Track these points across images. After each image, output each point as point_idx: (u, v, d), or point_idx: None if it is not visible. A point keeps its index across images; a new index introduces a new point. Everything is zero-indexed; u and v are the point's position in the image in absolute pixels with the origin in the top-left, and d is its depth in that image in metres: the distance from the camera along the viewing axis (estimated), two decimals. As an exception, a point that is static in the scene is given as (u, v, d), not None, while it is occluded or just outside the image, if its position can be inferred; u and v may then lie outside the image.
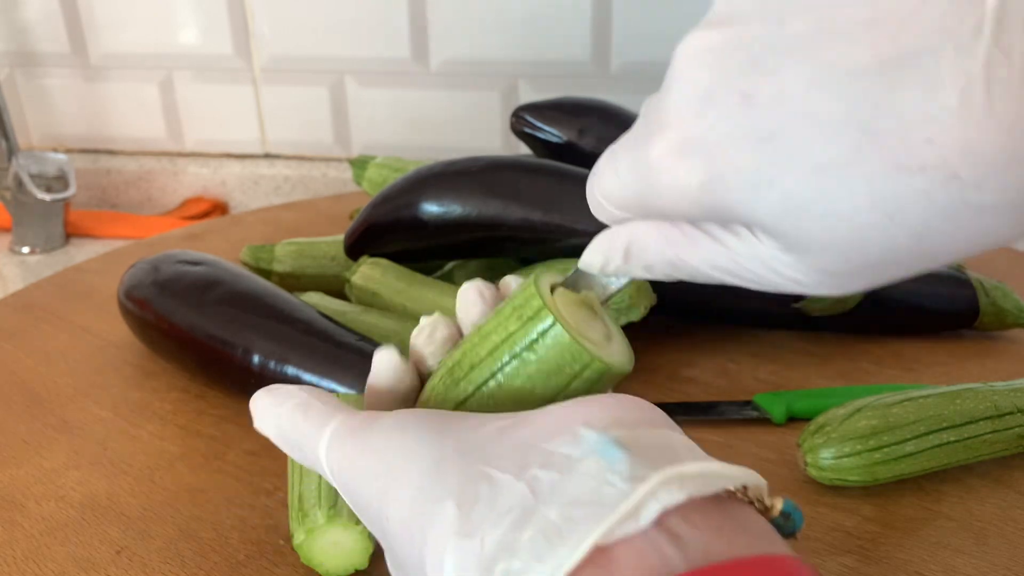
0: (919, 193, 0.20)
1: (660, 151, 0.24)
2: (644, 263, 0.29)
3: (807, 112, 0.21)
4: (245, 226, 0.79)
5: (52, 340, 0.59)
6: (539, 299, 0.29)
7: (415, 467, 0.25)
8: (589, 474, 0.22)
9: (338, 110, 0.94)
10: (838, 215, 0.22)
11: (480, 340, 0.31)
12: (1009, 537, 0.39)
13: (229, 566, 0.38)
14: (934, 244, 0.21)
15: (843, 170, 0.21)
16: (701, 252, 0.26)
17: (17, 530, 0.41)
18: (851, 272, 0.23)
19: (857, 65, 0.20)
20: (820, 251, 0.23)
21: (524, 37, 0.87)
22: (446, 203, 0.53)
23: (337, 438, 0.28)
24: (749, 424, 0.47)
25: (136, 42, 0.95)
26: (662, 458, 0.23)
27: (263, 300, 0.50)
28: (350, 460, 0.27)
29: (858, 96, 0.20)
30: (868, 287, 0.24)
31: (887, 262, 0.23)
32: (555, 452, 0.23)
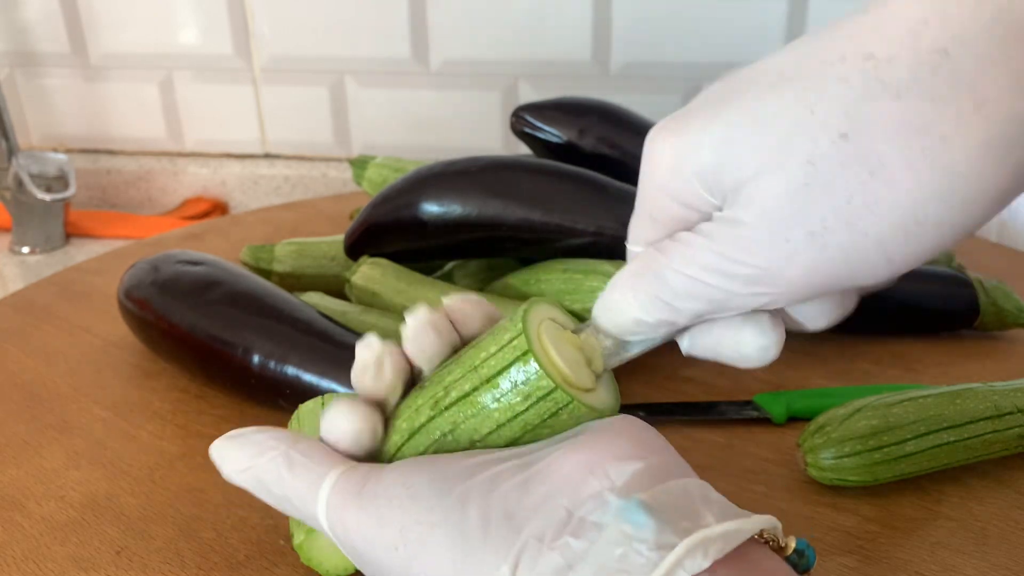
0: (836, 80, 0.21)
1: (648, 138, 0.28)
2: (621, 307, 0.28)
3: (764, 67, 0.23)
4: (245, 226, 0.79)
5: (52, 340, 0.59)
6: (528, 348, 0.28)
7: (439, 543, 0.25)
8: (616, 541, 0.23)
9: (338, 110, 0.94)
10: (764, 124, 0.22)
11: (461, 381, 0.29)
12: (1009, 537, 0.39)
13: (229, 566, 0.38)
14: (859, 147, 0.21)
15: (776, 85, 0.22)
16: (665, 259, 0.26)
17: (17, 530, 0.41)
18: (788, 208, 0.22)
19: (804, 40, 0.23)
20: (755, 182, 0.23)
21: (524, 37, 0.87)
22: (446, 203, 0.53)
23: (338, 500, 0.27)
24: (749, 424, 0.47)
25: (136, 42, 0.95)
26: (684, 517, 0.23)
27: (263, 300, 0.50)
28: (360, 526, 0.27)
29: (807, 42, 0.23)
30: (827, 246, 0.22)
31: (817, 186, 0.22)
32: (585, 519, 0.24)
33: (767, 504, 0.41)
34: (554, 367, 0.28)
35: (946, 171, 0.20)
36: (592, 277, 0.51)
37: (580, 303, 0.51)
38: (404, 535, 0.26)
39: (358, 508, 0.27)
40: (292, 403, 0.42)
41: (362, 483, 0.28)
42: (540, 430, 0.28)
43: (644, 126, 0.62)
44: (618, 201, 0.53)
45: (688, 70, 0.86)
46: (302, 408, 0.40)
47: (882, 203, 0.21)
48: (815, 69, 0.21)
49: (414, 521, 0.26)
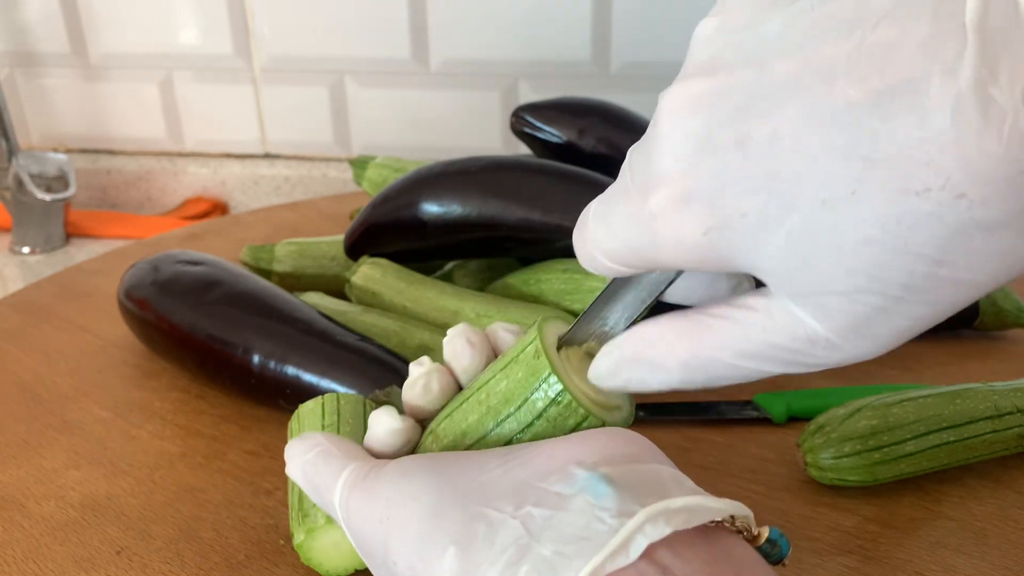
0: (928, 216, 0.20)
1: (659, 202, 0.23)
2: (657, 367, 0.27)
3: (803, 149, 0.21)
4: (245, 226, 0.79)
5: (52, 340, 0.59)
6: (547, 363, 0.29)
7: (416, 512, 0.26)
8: (579, 511, 0.23)
9: (338, 110, 0.94)
10: (851, 249, 0.21)
11: (480, 397, 0.30)
12: (1009, 537, 0.39)
13: (229, 566, 0.38)
14: (955, 272, 0.21)
15: (848, 201, 0.21)
16: (717, 338, 0.25)
17: (17, 530, 0.41)
18: (877, 317, 0.22)
19: (848, 100, 0.20)
20: (842, 298, 0.22)
21: (524, 37, 0.87)
22: (446, 203, 0.53)
23: (347, 486, 0.29)
24: (749, 424, 0.47)
25: (136, 42, 0.95)
26: (649, 493, 0.23)
27: (263, 300, 0.50)
28: (357, 506, 0.28)
29: (854, 129, 0.20)
30: (900, 335, 0.23)
31: (913, 300, 0.22)
32: (548, 490, 0.24)
33: (767, 504, 0.41)
34: (584, 395, 0.29)
35: (1016, 273, 0.21)
36: (592, 277, 0.51)
37: (580, 303, 0.51)
38: (388, 508, 0.27)
39: (361, 489, 0.29)
40: (292, 403, 0.42)
41: (369, 471, 0.29)
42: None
43: (644, 126, 0.61)
44: (618, 201, 0.53)
45: (688, 70, 0.86)
46: (302, 408, 0.40)
47: (960, 303, 0.22)
48: (895, 196, 0.20)
49: (398, 493, 0.27)
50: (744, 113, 0.22)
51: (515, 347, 0.31)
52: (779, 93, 0.21)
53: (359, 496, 0.29)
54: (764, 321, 0.24)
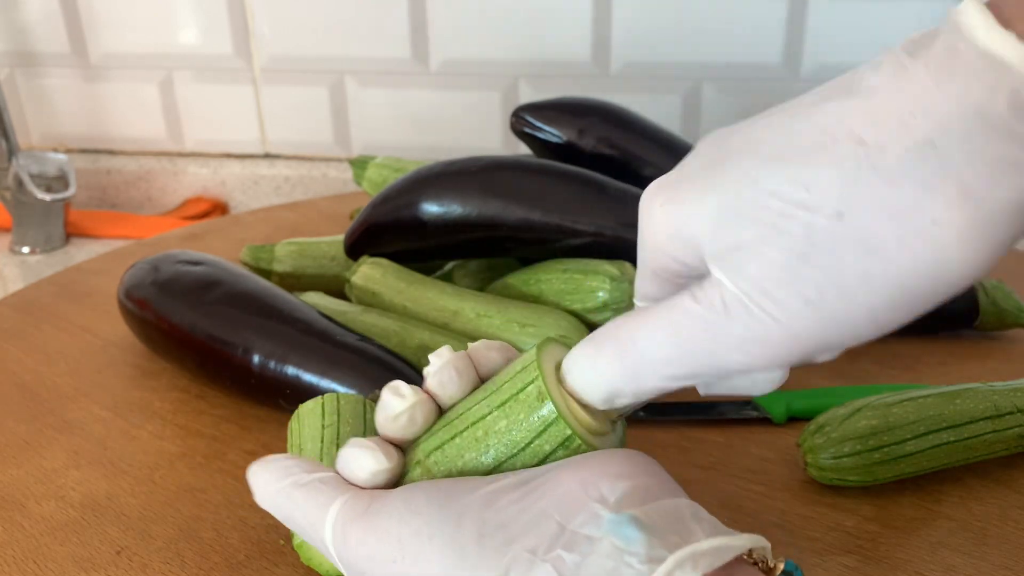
0: (829, 164, 0.23)
1: (643, 193, 0.28)
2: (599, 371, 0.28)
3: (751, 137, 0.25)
4: (245, 226, 0.79)
5: (52, 340, 0.59)
6: (554, 409, 0.28)
7: (437, 552, 0.26)
8: (608, 555, 0.24)
9: (338, 110, 0.94)
10: (761, 201, 0.23)
11: (477, 434, 0.29)
12: (1008, 537, 0.39)
13: (229, 566, 0.38)
14: (856, 229, 0.22)
15: (770, 162, 0.24)
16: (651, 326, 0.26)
17: (17, 530, 0.41)
18: (784, 276, 0.23)
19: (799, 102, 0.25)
20: (750, 251, 0.24)
21: (524, 37, 0.87)
22: (446, 203, 0.53)
23: (343, 521, 0.28)
24: (749, 424, 0.47)
25: (136, 42, 0.95)
26: (676, 533, 0.24)
27: (263, 300, 0.50)
28: (359, 543, 0.27)
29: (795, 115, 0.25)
30: (809, 304, 0.23)
31: (817, 259, 0.23)
32: (577, 533, 0.24)
33: (767, 504, 0.41)
34: (572, 415, 0.29)
35: (936, 250, 0.22)
36: (592, 277, 0.51)
37: (580, 303, 0.51)
38: (402, 548, 0.26)
39: (361, 525, 0.28)
40: (292, 403, 0.42)
41: (367, 503, 0.28)
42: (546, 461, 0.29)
43: (644, 126, 0.62)
44: (618, 201, 0.53)
45: (688, 70, 0.86)
46: (302, 408, 0.40)
47: (876, 277, 0.22)
48: (807, 149, 0.23)
49: (412, 533, 0.26)
50: (725, 138, 0.26)
51: (512, 379, 0.29)
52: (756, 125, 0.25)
53: (361, 533, 0.27)
54: (691, 295, 0.25)
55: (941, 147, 0.21)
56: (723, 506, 0.41)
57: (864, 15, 0.82)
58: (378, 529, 0.27)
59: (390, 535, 0.27)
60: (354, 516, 0.28)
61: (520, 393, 0.29)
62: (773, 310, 0.23)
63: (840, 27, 0.82)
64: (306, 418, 0.39)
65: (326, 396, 0.40)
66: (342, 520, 0.28)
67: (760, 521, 0.40)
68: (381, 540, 0.27)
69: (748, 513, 0.41)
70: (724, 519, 0.40)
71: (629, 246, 0.52)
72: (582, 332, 0.49)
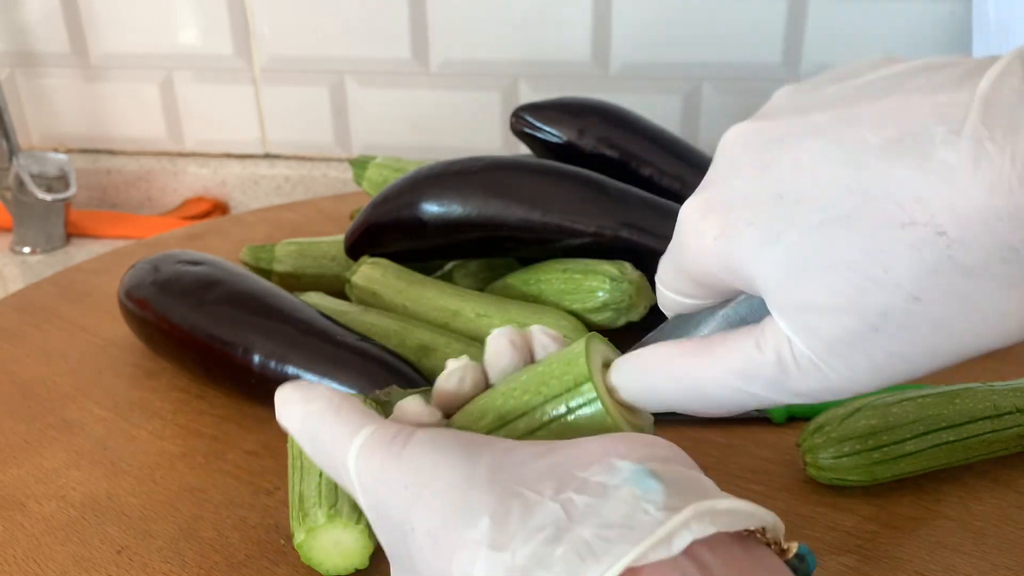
0: (908, 247, 0.22)
1: (687, 208, 0.27)
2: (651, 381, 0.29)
3: (816, 178, 0.24)
4: (245, 226, 0.79)
5: (53, 340, 0.59)
6: (586, 371, 0.29)
7: (447, 481, 0.26)
8: (624, 500, 0.23)
9: (338, 110, 0.94)
10: (837, 269, 0.23)
11: (511, 393, 0.31)
12: (1008, 536, 0.39)
13: (229, 566, 0.38)
14: (930, 310, 0.23)
15: (842, 226, 0.23)
16: (710, 357, 0.27)
17: (18, 530, 0.41)
18: (855, 343, 0.24)
19: (864, 143, 0.23)
20: (824, 316, 0.24)
21: (524, 37, 0.87)
22: (446, 203, 0.53)
23: (369, 446, 0.29)
24: (749, 424, 0.47)
25: (136, 42, 0.95)
26: (694, 493, 0.24)
27: (263, 300, 0.50)
28: (380, 468, 0.28)
29: (862, 167, 0.23)
30: (876, 370, 0.24)
31: (889, 333, 0.23)
32: (590, 479, 0.24)
33: (767, 504, 0.41)
34: (619, 414, 0.30)
35: (1001, 335, 0.23)
36: (592, 277, 0.51)
37: (580, 303, 0.51)
38: (417, 474, 0.27)
39: (386, 451, 0.28)
40: (292, 403, 0.42)
41: (395, 436, 0.29)
42: None
43: (644, 126, 0.62)
44: (618, 201, 0.53)
45: (688, 70, 0.86)
46: (302, 408, 0.40)
47: (942, 352, 0.24)
48: (883, 223, 0.23)
49: (430, 464, 0.27)
50: (776, 145, 0.25)
51: (558, 355, 0.31)
52: (809, 133, 0.24)
53: (382, 459, 0.28)
54: (754, 342, 0.26)
55: (1022, 253, 0.22)
56: (723, 506, 0.41)
57: (864, 15, 0.82)
58: (400, 457, 0.28)
59: (410, 463, 0.27)
60: (381, 443, 0.29)
61: (563, 355, 0.30)
62: (843, 370, 0.24)
63: (840, 27, 0.83)
64: (306, 418, 0.39)
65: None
66: (369, 444, 0.29)
67: (760, 521, 0.40)
68: (400, 467, 0.27)
69: (748, 513, 0.41)
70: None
71: (629, 246, 0.52)
72: (582, 332, 0.50)
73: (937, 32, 0.82)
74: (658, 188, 0.59)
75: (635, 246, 0.52)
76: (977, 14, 0.73)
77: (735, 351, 0.27)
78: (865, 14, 0.82)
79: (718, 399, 0.28)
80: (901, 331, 0.23)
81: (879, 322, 0.23)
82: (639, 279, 0.51)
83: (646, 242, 0.52)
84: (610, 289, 0.50)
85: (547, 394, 0.30)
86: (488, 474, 0.26)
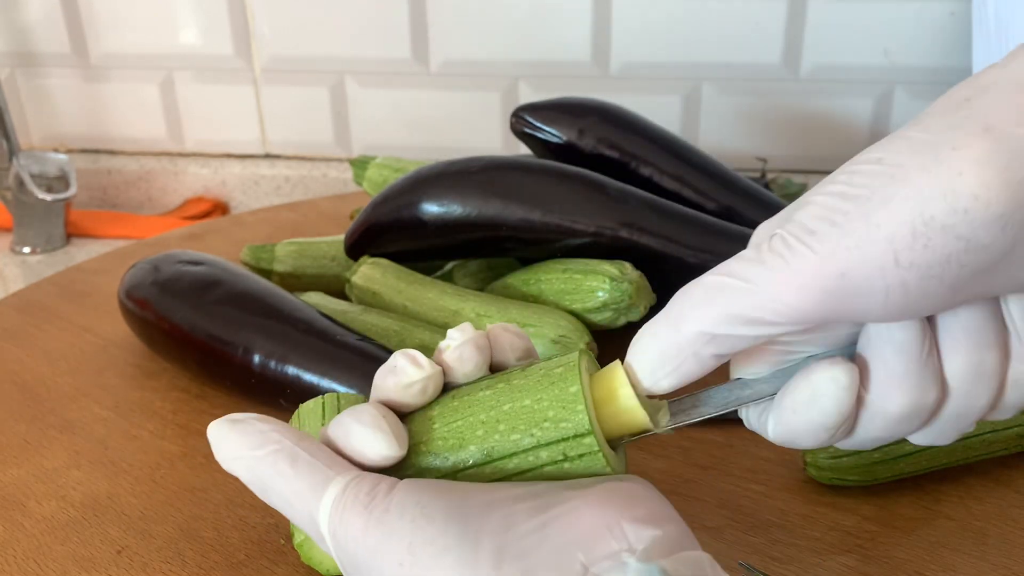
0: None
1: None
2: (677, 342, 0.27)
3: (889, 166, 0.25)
4: (245, 226, 0.79)
5: (52, 340, 0.59)
6: (587, 422, 0.28)
7: (450, 566, 0.25)
8: None
9: (338, 110, 0.94)
10: None
11: (495, 426, 0.29)
12: (1008, 536, 0.39)
13: (229, 566, 0.38)
14: None
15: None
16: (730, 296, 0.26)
17: (18, 530, 0.41)
18: None
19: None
20: None
21: (524, 37, 0.87)
22: (446, 203, 0.53)
23: (343, 509, 0.27)
24: (749, 424, 0.47)
25: (136, 42, 0.95)
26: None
27: (263, 300, 0.50)
28: (362, 534, 0.27)
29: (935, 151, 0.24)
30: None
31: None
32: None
33: (767, 504, 0.41)
34: (613, 458, 0.29)
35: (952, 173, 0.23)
36: (592, 277, 0.51)
37: (580, 303, 0.51)
38: (413, 553, 0.26)
39: (366, 517, 0.27)
40: (293, 403, 0.42)
41: (374, 493, 0.27)
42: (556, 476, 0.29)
43: (644, 126, 0.62)
44: (618, 201, 0.53)
45: (688, 70, 0.86)
46: (302, 408, 0.40)
47: (895, 199, 0.23)
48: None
49: (425, 541, 0.26)
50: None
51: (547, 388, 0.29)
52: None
53: (364, 524, 0.27)
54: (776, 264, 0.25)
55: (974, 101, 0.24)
56: (723, 506, 0.41)
57: (864, 15, 0.82)
58: (385, 526, 0.26)
59: (400, 537, 0.26)
60: (357, 504, 0.27)
61: (566, 436, 0.28)
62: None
63: (840, 27, 0.83)
64: (306, 418, 0.39)
65: (326, 396, 0.40)
66: (343, 507, 0.27)
67: (760, 521, 0.40)
68: (389, 539, 0.26)
69: (748, 513, 0.41)
70: (724, 519, 0.40)
71: (629, 246, 0.52)
72: (582, 332, 0.50)
73: (937, 32, 0.82)
74: (658, 188, 0.59)
75: (635, 246, 0.52)
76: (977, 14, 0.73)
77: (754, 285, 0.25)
78: (865, 14, 0.82)
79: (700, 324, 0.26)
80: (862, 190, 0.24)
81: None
82: (639, 279, 0.51)
83: (646, 242, 0.52)
84: (610, 289, 0.50)
85: (541, 439, 0.28)
86: (493, 563, 0.25)
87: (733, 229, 0.54)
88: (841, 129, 0.87)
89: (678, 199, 0.58)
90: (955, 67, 0.83)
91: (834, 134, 0.87)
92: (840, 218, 0.24)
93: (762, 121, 0.87)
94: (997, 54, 0.69)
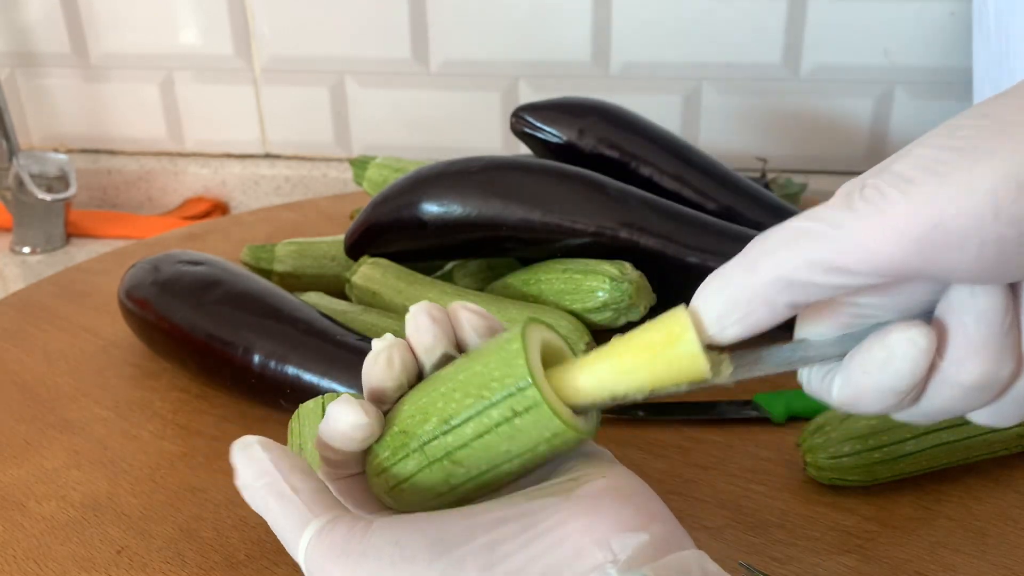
0: None
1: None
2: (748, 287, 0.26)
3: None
4: (245, 226, 0.79)
5: (52, 340, 0.59)
6: (527, 374, 0.27)
7: None
8: None
9: (338, 110, 0.94)
10: None
11: (451, 395, 0.29)
12: (1008, 537, 0.39)
13: (229, 565, 0.38)
14: None
15: None
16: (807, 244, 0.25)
17: (18, 530, 0.41)
18: None
19: None
20: None
21: (524, 37, 0.87)
22: (446, 203, 0.53)
23: (321, 550, 0.27)
24: (749, 424, 0.47)
25: (136, 42, 0.95)
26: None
27: (263, 300, 0.50)
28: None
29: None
30: None
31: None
32: None
33: (767, 504, 0.41)
34: (566, 412, 0.28)
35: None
36: (592, 277, 0.51)
37: (580, 303, 0.51)
38: None
39: (344, 562, 0.26)
40: (292, 403, 0.42)
41: (348, 537, 0.27)
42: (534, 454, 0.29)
43: (644, 126, 0.62)
44: (618, 201, 0.53)
45: (688, 70, 0.86)
46: (302, 408, 0.40)
47: (1001, 151, 0.22)
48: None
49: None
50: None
51: (495, 349, 0.29)
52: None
53: (343, 570, 0.26)
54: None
55: None
56: (723, 506, 0.41)
57: (864, 15, 0.82)
58: (362, 570, 0.26)
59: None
60: (333, 549, 0.27)
61: (511, 392, 0.28)
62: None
63: (840, 27, 0.83)
64: (306, 418, 0.39)
65: (326, 396, 0.40)
66: (319, 548, 0.27)
67: (760, 521, 0.40)
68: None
69: (748, 513, 0.41)
70: (724, 519, 0.40)
71: (629, 246, 0.52)
72: (582, 332, 0.50)
73: (937, 32, 0.82)
74: (658, 188, 0.59)
75: (635, 246, 0.52)
76: (977, 14, 0.73)
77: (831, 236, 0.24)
78: (865, 14, 0.82)
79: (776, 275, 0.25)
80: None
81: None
82: (639, 279, 0.51)
83: (646, 242, 0.52)
84: (610, 289, 0.50)
85: (490, 398, 0.28)
86: None
87: (733, 229, 0.54)
88: (841, 129, 0.87)
89: (678, 199, 0.58)
90: (955, 67, 0.83)
91: (834, 134, 0.87)
92: (942, 167, 0.23)
93: (762, 121, 0.87)
94: (997, 54, 0.69)
